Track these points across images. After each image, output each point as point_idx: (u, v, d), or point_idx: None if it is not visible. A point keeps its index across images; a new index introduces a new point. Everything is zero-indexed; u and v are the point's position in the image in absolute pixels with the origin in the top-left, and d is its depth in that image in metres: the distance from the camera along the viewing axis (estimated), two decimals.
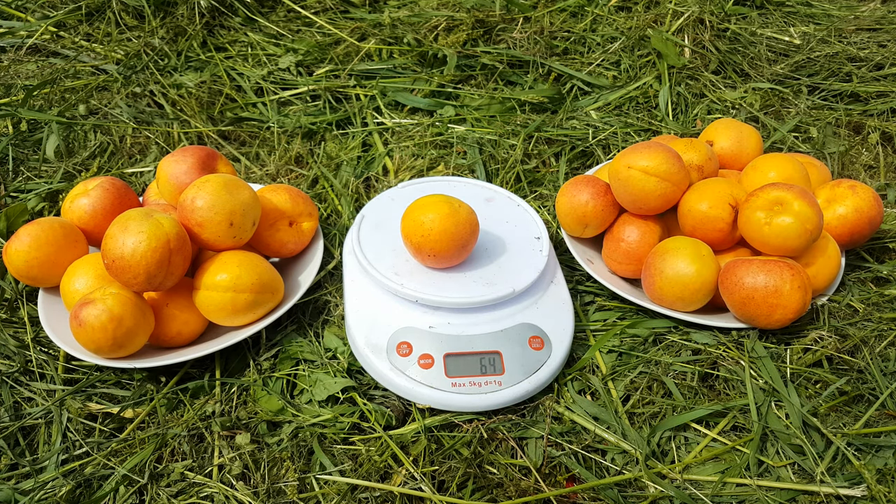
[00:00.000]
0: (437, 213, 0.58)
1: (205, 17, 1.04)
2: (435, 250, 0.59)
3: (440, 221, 0.58)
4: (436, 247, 0.58)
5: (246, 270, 0.58)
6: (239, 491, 0.52)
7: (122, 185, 0.67)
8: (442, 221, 0.58)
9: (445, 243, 0.58)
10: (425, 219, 0.58)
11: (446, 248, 0.59)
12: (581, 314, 0.66)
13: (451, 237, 0.58)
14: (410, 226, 0.59)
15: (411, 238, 0.59)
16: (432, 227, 0.58)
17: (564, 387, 0.59)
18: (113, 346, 0.55)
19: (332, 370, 0.60)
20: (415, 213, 0.60)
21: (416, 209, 0.60)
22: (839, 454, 0.53)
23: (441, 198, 0.60)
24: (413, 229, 0.59)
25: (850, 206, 0.65)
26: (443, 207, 0.59)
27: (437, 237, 0.58)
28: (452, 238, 0.58)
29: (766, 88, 0.93)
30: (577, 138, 0.86)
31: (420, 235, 0.58)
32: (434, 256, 0.59)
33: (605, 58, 0.99)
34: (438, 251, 0.59)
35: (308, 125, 0.89)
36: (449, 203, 0.60)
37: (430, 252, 0.59)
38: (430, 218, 0.58)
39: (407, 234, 0.60)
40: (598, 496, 0.52)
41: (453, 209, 0.59)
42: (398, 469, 0.53)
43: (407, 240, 0.60)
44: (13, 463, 0.54)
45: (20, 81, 0.94)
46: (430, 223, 0.58)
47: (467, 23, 1.01)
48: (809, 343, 0.60)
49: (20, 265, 0.61)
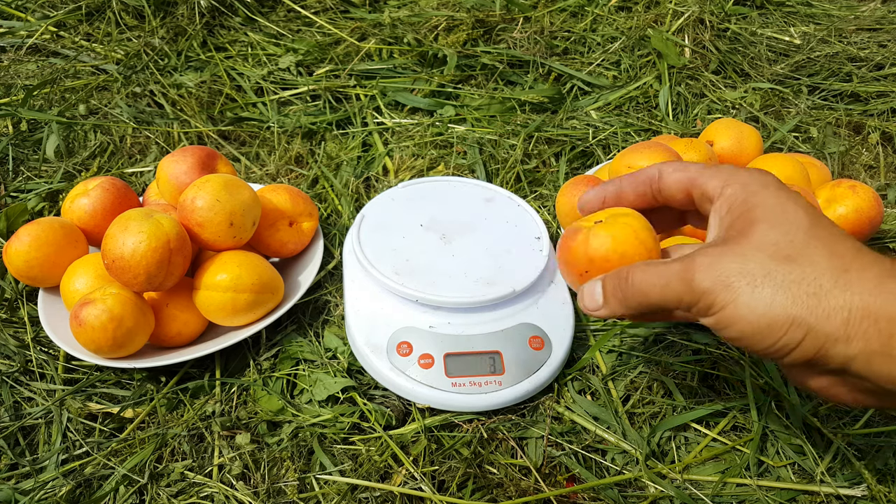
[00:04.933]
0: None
1: (205, 17, 1.04)
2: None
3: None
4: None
5: (246, 270, 0.58)
6: (239, 491, 0.52)
7: (122, 185, 0.67)
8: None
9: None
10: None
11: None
12: (581, 314, 0.66)
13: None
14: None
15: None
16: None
17: (564, 387, 0.59)
18: (113, 346, 0.55)
19: (332, 370, 0.60)
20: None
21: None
22: (839, 454, 0.53)
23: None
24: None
25: (850, 206, 0.65)
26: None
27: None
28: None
29: (767, 88, 0.93)
30: (577, 138, 0.86)
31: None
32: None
33: (606, 58, 0.99)
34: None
35: (308, 125, 0.89)
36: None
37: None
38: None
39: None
40: (598, 496, 0.52)
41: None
42: (398, 469, 0.53)
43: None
44: (13, 463, 0.54)
45: (20, 81, 0.94)
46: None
47: (467, 23, 1.01)
48: None
49: (20, 265, 0.61)
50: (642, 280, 0.39)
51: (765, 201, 0.38)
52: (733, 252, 0.37)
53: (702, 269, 0.37)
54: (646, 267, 0.40)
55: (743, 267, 0.36)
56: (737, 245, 0.37)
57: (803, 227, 0.37)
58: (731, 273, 0.36)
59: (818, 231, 0.37)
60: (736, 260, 0.36)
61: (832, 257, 0.36)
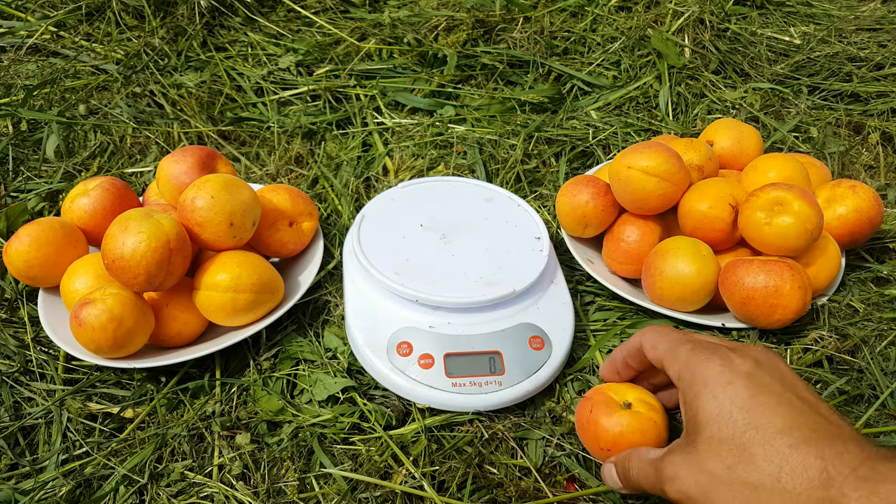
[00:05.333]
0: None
1: (205, 17, 1.04)
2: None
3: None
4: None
5: (246, 270, 0.58)
6: (239, 491, 0.52)
7: (122, 185, 0.67)
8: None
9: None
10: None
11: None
12: (581, 314, 0.66)
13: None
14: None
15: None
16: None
17: (564, 387, 0.59)
18: (113, 346, 0.55)
19: (332, 370, 0.60)
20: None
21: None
22: None
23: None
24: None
25: (850, 206, 0.65)
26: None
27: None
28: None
29: (767, 88, 0.93)
30: (577, 138, 0.86)
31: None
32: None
33: (606, 58, 0.99)
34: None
35: (308, 125, 0.89)
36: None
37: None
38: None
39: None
40: (598, 497, 0.52)
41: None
42: (398, 469, 0.53)
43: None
44: (13, 463, 0.54)
45: (20, 81, 0.94)
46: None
47: (467, 23, 1.01)
48: (809, 343, 0.60)
49: (20, 265, 0.61)
50: (636, 475, 0.45)
51: (704, 405, 0.41)
52: (689, 461, 0.41)
53: (668, 480, 0.42)
54: (638, 462, 0.45)
55: (698, 477, 0.40)
56: (693, 449, 0.41)
57: (742, 413, 0.40)
58: (689, 485, 0.41)
59: (757, 409, 0.40)
60: (692, 470, 0.41)
61: (778, 436, 0.38)
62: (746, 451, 0.38)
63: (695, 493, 0.40)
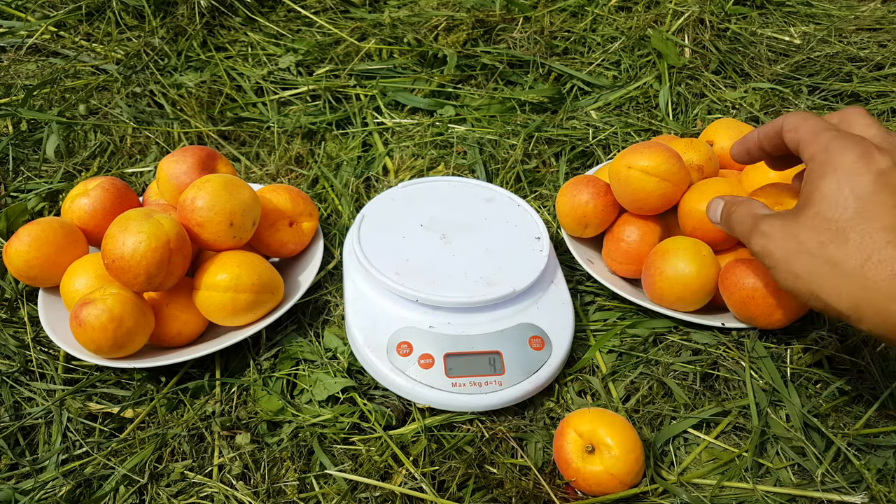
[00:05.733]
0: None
1: (205, 17, 1.04)
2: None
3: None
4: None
5: (246, 270, 0.58)
6: (239, 491, 0.52)
7: (122, 185, 0.67)
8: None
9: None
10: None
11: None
12: (581, 314, 0.66)
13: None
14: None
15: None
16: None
17: (564, 387, 0.59)
18: (113, 346, 0.55)
19: (332, 370, 0.60)
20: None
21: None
22: (840, 454, 0.53)
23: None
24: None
25: None
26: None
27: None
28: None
29: (767, 88, 0.93)
30: (577, 138, 0.86)
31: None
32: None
33: (606, 58, 0.99)
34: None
35: (308, 125, 0.89)
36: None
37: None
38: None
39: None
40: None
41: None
42: (398, 469, 0.53)
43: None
44: (13, 463, 0.54)
45: (20, 81, 0.94)
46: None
47: (467, 23, 1.01)
48: (809, 343, 0.60)
49: (20, 265, 0.61)
50: (736, 218, 0.50)
51: (824, 186, 0.43)
52: (786, 227, 0.44)
53: (759, 234, 0.46)
54: (744, 210, 0.50)
55: (787, 242, 0.43)
56: (795, 220, 0.44)
57: (856, 202, 0.41)
58: (776, 245, 0.44)
59: (873, 203, 0.40)
60: (784, 234, 0.44)
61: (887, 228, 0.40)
62: (843, 234, 0.40)
63: (777, 253, 0.43)
